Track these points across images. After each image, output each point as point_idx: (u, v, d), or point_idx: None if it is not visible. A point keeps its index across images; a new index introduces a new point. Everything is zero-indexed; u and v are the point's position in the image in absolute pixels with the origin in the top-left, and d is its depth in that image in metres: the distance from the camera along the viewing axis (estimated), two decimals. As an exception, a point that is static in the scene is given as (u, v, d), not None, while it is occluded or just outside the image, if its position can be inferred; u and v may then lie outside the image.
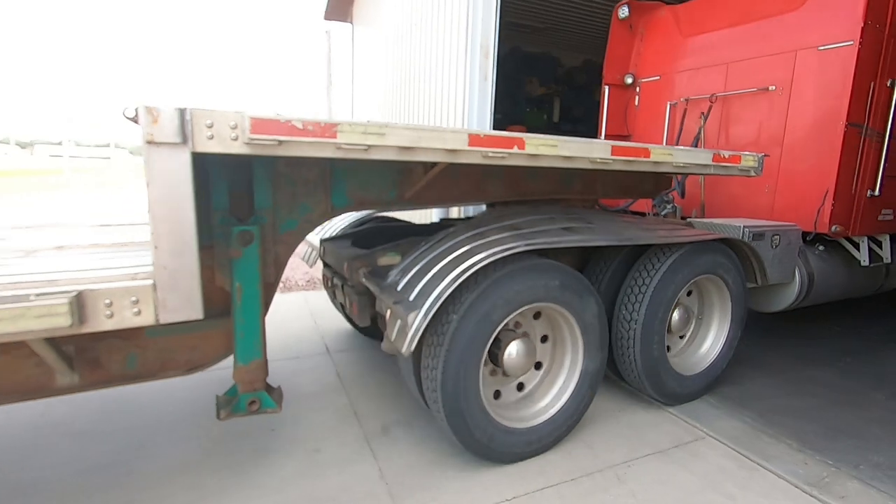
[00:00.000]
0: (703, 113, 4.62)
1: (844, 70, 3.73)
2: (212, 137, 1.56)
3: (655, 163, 2.57)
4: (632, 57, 5.45)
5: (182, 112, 1.50)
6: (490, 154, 2.07)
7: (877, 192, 4.02)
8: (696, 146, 4.70)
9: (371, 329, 3.89)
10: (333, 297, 3.58)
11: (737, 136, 4.51)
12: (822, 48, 3.89)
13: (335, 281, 3.18)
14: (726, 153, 2.95)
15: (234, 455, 2.47)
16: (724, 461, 2.56)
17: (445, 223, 3.87)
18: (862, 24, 3.63)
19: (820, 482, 2.41)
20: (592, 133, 9.97)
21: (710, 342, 3.31)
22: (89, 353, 1.98)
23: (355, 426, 2.79)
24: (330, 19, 12.45)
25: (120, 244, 2.67)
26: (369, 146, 1.78)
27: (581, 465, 2.49)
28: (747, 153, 3.12)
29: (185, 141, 1.52)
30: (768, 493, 2.33)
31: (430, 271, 2.23)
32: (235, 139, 1.59)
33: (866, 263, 4.23)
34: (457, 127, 2.10)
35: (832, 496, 2.31)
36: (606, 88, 5.56)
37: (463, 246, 2.32)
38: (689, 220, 3.97)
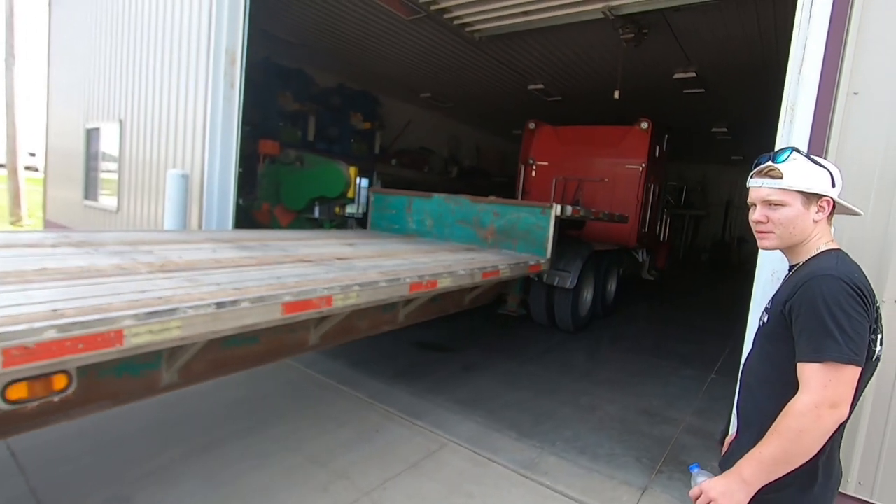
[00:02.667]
0: (577, 188, 8.37)
1: (637, 178, 7.91)
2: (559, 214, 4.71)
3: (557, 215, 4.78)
4: (532, 148, 9.03)
5: (552, 205, 4.73)
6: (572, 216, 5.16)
7: (639, 227, 8.12)
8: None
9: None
10: None
11: (590, 202, 8.11)
12: (627, 166, 7.98)
13: None
14: (602, 212, 6.26)
15: None
16: (463, 463, 2.88)
17: None
18: (645, 160, 7.83)
19: (532, 464, 2.94)
20: (346, 153, 10.25)
21: (612, 292, 7.34)
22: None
23: (39, 520, 2.09)
24: (11, -27, 9.60)
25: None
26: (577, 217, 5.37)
27: (339, 499, 2.43)
28: (624, 214, 6.93)
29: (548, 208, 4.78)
30: (497, 483, 2.71)
31: (562, 257, 5.56)
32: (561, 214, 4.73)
33: (640, 261, 8.95)
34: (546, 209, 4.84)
35: (539, 473, 2.85)
36: (522, 166, 9.10)
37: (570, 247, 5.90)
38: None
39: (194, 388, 3.33)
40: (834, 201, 1.32)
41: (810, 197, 1.29)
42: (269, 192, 6.97)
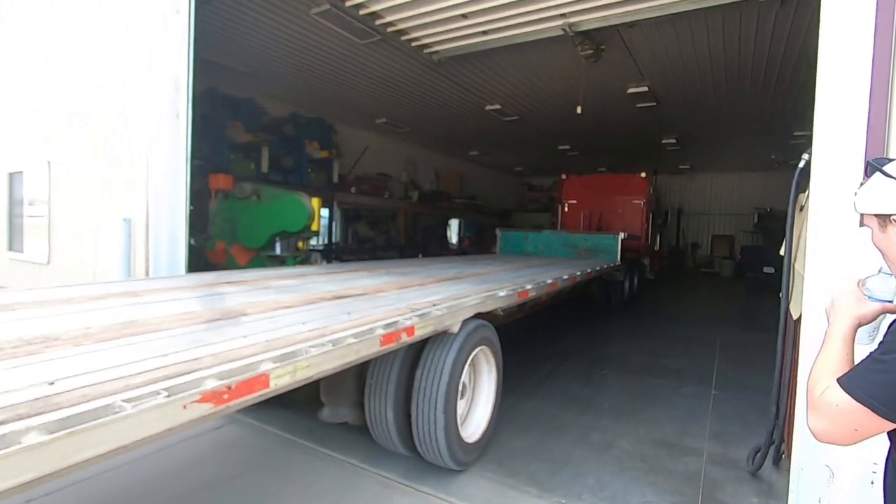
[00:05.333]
0: (600, 218, 11.46)
1: (640, 209, 11.39)
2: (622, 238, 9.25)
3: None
4: (563, 192, 12.20)
5: (618, 234, 9.26)
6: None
7: (646, 243, 11.63)
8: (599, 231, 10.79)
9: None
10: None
11: (610, 227, 10.74)
12: (633, 202, 11.39)
13: None
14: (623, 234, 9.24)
15: None
16: (486, 535, 2.47)
17: None
18: (645, 197, 11.37)
19: (562, 527, 2.57)
20: (304, 184, 9.77)
21: (636, 284, 10.73)
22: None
23: None
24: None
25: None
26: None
27: None
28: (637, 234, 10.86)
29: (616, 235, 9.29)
30: (528, 557, 2.32)
31: None
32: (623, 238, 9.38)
33: (645, 265, 12.05)
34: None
35: (573, 537, 2.47)
36: (558, 205, 12.37)
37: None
38: None
39: (161, 476, 2.76)
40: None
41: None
42: (224, 230, 6.40)
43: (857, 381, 0.95)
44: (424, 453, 2.93)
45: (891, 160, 1.10)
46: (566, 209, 12.16)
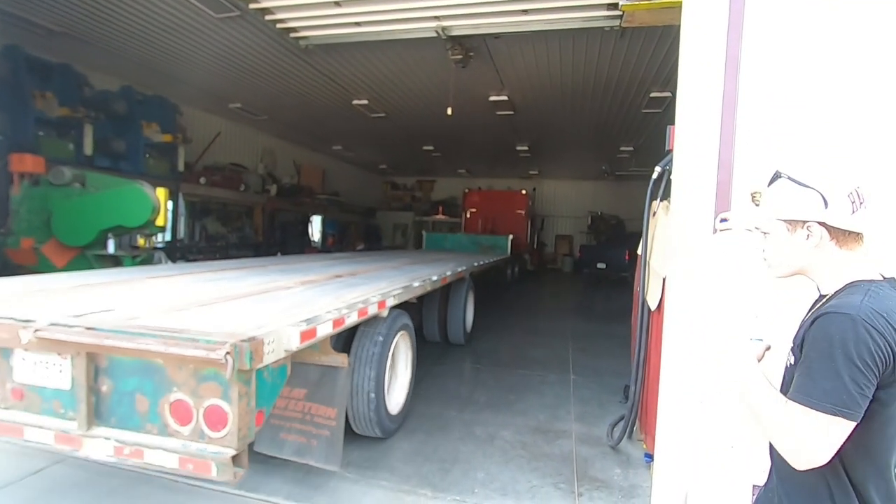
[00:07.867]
0: (492, 224, 15.25)
1: (523, 218, 16.01)
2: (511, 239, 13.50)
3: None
4: (466, 203, 16.55)
5: (509, 235, 13.72)
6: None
7: (527, 242, 16.34)
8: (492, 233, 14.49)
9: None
10: None
11: (501, 231, 14.32)
12: (517, 211, 15.94)
13: None
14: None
15: None
16: (388, 548, 2.38)
17: None
18: (526, 208, 16.24)
19: (461, 525, 2.59)
20: (139, 171, 8.41)
21: (517, 272, 14.21)
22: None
23: None
24: None
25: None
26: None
27: None
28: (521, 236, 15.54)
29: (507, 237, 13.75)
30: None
31: None
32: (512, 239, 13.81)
33: (526, 259, 16.19)
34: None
35: (472, 534, 2.51)
36: (462, 213, 16.66)
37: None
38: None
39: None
40: None
41: None
42: (33, 225, 5.19)
43: (818, 396, 0.99)
44: (451, 336, 6.16)
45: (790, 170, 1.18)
46: (468, 216, 16.20)
